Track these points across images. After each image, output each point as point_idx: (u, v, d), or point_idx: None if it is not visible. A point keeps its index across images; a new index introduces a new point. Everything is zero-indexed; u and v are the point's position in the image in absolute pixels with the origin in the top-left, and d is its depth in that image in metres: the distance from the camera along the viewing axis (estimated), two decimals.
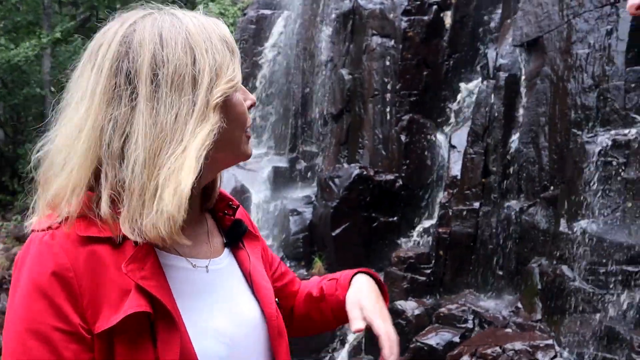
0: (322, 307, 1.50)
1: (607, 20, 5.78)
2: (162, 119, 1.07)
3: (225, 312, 1.18)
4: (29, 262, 1.06)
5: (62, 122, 1.14)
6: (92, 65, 1.12)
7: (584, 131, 5.71)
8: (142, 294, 1.05)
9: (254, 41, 10.40)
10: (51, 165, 1.12)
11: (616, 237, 5.16)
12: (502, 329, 5.66)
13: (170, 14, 1.16)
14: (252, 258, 1.30)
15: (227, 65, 1.15)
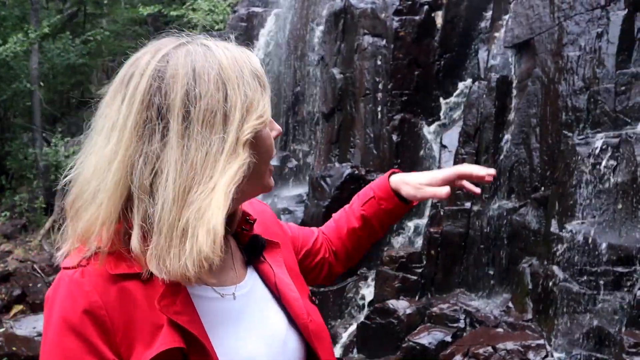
0: (369, 230, 1.66)
1: (597, 23, 5.84)
2: (193, 156, 1.07)
3: (256, 337, 1.19)
4: (61, 300, 1.07)
5: (91, 150, 1.13)
6: (123, 95, 1.11)
7: (575, 133, 5.78)
8: (175, 329, 1.07)
9: (244, 39, 10.37)
10: (80, 195, 1.11)
11: (606, 238, 5.23)
12: (494, 329, 5.73)
13: (203, 45, 1.15)
14: (275, 269, 1.30)
15: (258, 101, 1.15)
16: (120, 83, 1.14)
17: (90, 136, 1.15)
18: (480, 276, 6.47)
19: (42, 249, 11.70)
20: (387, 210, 1.64)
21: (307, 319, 1.28)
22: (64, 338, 1.05)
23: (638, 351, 4.74)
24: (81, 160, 1.15)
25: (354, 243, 1.69)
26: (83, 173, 1.12)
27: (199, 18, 12.65)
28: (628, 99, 5.52)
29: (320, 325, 1.31)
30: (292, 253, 1.48)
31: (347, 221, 1.69)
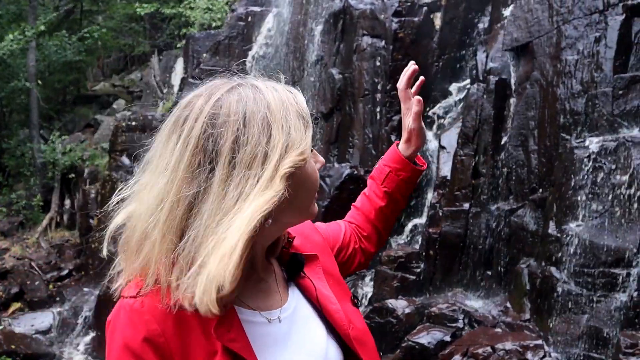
0: (394, 204, 1.79)
1: (595, 28, 5.92)
2: (228, 197, 1.13)
3: (302, 355, 1.27)
4: (122, 328, 1.16)
5: (144, 186, 1.21)
6: (177, 136, 1.18)
7: (573, 136, 5.86)
8: (228, 356, 1.15)
9: (242, 38, 10.43)
10: (134, 231, 1.19)
11: (604, 240, 5.32)
12: (492, 329, 5.81)
13: (254, 87, 1.22)
14: (316, 283, 1.37)
15: (300, 140, 1.21)
16: (175, 123, 1.21)
17: (144, 170, 1.23)
18: (479, 276, 6.55)
19: (39, 246, 11.72)
20: (405, 179, 1.76)
21: (349, 327, 1.34)
22: None
23: (634, 352, 4.83)
24: (135, 193, 1.22)
25: (383, 221, 1.79)
26: (137, 208, 1.19)
27: (196, 16, 12.66)
28: (625, 102, 5.61)
29: (362, 330, 1.38)
30: (331, 257, 1.54)
31: (372, 203, 1.78)
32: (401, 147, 1.78)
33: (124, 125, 10.37)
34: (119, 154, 10.33)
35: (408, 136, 1.77)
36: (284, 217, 1.22)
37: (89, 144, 13.63)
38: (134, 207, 1.21)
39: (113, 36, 16.25)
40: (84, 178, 12.03)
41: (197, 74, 10.40)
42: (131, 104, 15.14)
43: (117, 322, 1.18)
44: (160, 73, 13.24)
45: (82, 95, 16.36)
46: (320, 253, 1.45)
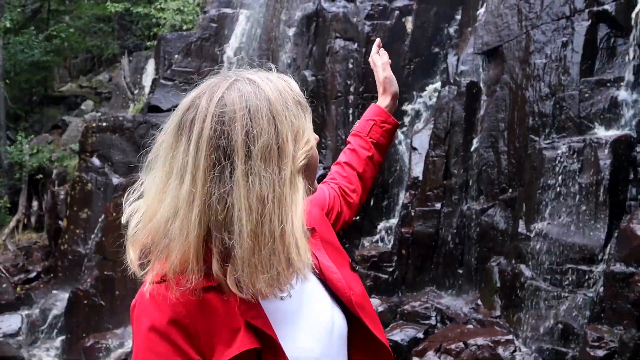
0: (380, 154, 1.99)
1: (563, 33, 6.11)
2: (259, 191, 1.21)
3: (311, 329, 1.36)
4: (149, 311, 1.24)
5: (156, 188, 1.27)
6: (187, 138, 1.24)
7: (541, 137, 6.04)
8: (250, 332, 1.24)
9: (214, 39, 10.44)
10: (160, 231, 1.25)
11: (571, 238, 5.50)
12: (464, 325, 5.94)
13: (251, 82, 1.29)
14: (317, 255, 1.45)
15: (303, 128, 1.31)
16: (181, 126, 1.27)
17: (148, 171, 1.30)
18: (450, 275, 6.69)
19: (6, 248, 11.54)
20: (388, 130, 1.99)
21: (349, 292, 1.44)
22: (155, 343, 1.22)
23: (600, 345, 5.00)
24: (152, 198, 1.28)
25: (370, 171, 1.96)
26: (160, 211, 1.25)
27: (167, 17, 12.63)
28: (591, 105, 5.80)
29: (361, 295, 1.48)
30: (327, 225, 1.63)
31: (359, 155, 1.95)
32: (380, 101, 2.02)
33: (94, 126, 10.27)
34: (89, 155, 10.22)
35: (383, 87, 2.02)
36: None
37: (56, 145, 13.47)
38: (151, 210, 1.27)
39: (81, 36, 16.09)
40: (52, 179, 11.89)
41: (169, 75, 10.38)
42: (100, 105, 15.01)
43: (143, 306, 1.26)
44: (130, 74, 13.16)
45: (50, 96, 16.15)
46: (318, 224, 1.53)
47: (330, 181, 1.91)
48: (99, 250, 9.36)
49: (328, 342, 1.38)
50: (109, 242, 9.17)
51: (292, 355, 1.29)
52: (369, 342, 1.45)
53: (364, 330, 1.44)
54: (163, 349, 1.22)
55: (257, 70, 1.35)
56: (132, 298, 5.67)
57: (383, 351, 1.46)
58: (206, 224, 1.22)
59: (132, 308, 1.29)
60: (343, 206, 1.85)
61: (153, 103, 10.37)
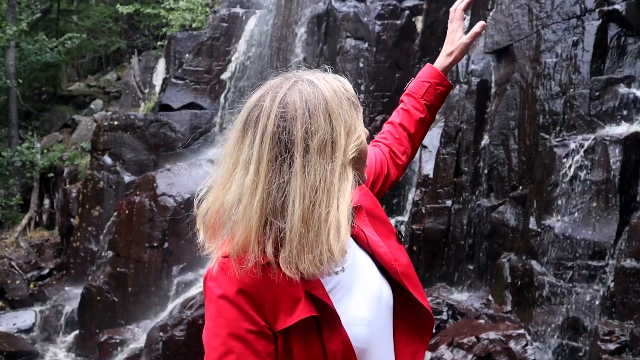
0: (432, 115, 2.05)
1: (573, 32, 6.19)
2: (312, 181, 1.35)
3: (364, 299, 1.49)
4: (220, 281, 1.39)
5: (224, 179, 1.41)
6: (253, 133, 1.39)
7: (552, 135, 6.12)
8: (310, 301, 1.38)
9: (225, 39, 10.54)
10: (226, 215, 1.39)
11: (581, 234, 5.58)
12: (476, 320, 6.04)
13: (310, 82, 1.42)
14: (365, 231, 1.58)
15: (355, 125, 1.44)
16: (247, 123, 1.41)
17: (218, 166, 1.44)
18: (461, 271, 6.78)
19: (18, 246, 11.66)
20: (442, 92, 2.05)
21: (395, 264, 1.57)
22: (225, 309, 1.37)
23: (611, 339, 5.09)
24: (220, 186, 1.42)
25: (421, 132, 2.06)
26: (227, 198, 1.39)
27: (177, 18, 12.73)
28: (602, 103, 5.89)
29: (406, 265, 1.59)
30: (373, 199, 1.72)
31: (412, 116, 2.03)
32: (440, 61, 2.07)
33: (106, 124, 10.38)
34: (100, 153, 10.34)
35: (453, 49, 2.06)
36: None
37: (66, 143, 13.59)
38: (219, 197, 1.41)
39: (89, 36, 16.20)
40: (63, 178, 12.01)
41: (179, 74, 10.49)
42: (109, 105, 15.13)
43: (214, 276, 1.40)
44: (140, 73, 13.27)
45: (59, 95, 16.27)
46: (364, 201, 1.64)
47: (381, 140, 2.01)
48: (111, 247, 9.47)
49: (377, 311, 1.50)
50: (122, 239, 9.29)
51: (346, 322, 1.41)
52: (412, 308, 1.57)
53: (408, 298, 1.56)
54: (232, 315, 1.36)
55: (315, 71, 1.48)
56: (144, 294, 5.98)
57: (426, 316, 1.58)
58: (266, 209, 1.35)
59: (205, 279, 1.43)
60: (391, 168, 1.95)
61: (164, 102, 10.48)
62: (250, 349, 1.36)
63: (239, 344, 1.36)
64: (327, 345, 1.38)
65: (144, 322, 8.64)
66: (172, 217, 8.90)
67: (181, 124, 10.17)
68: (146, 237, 9.08)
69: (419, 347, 1.58)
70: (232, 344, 1.35)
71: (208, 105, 10.41)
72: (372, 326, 1.48)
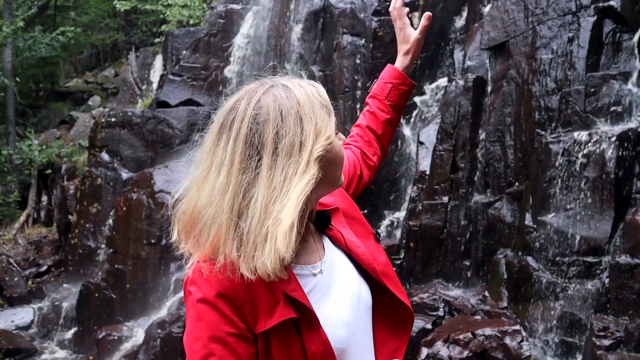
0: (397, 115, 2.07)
1: (569, 28, 6.20)
2: (276, 181, 1.37)
3: (342, 301, 1.51)
4: (200, 286, 1.40)
5: (199, 180, 1.44)
6: (227, 136, 1.42)
7: (548, 131, 6.14)
8: (289, 303, 1.40)
9: (222, 35, 10.54)
10: (198, 217, 1.42)
11: (577, 230, 5.60)
12: (472, 316, 6.06)
13: (285, 87, 1.45)
14: (343, 232, 1.60)
15: (326, 127, 1.45)
16: (222, 127, 1.44)
17: (197, 168, 1.46)
18: (458, 267, 6.80)
19: (16, 242, 11.68)
20: (405, 92, 2.07)
21: (374, 263, 1.58)
22: (205, 313, 1.39)
23: (606, 334, 5.12)
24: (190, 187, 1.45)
25: (388, 133, 2.07)
26: (200, 199, 1.42)
27: (174, 14, 12.73)
28: (597, 100, 5.90)
29: (384, 264, 1.61)
30: (349, 200, 1.75)
31: (378, 117, 2.04)
32: (399, 61, 2.09)
33: (103, 121, 10.38)
34: (98, 150, 10.34)
35: (412, 48, 2.09)
36: (319, 191, 1.46)
37: (64, 140, 13.59)
38: (193, 198, 1.43)
39: (87, 33, 16.18)
40: (61, 174, 12.01)
41: (177, 71, 10.48)
42: (107, 101, 15.12)
43: (193, 281, 1.42)
44: (137, 70, 13.27)
45: (56, 92, 16.27)
46: (340, 202, 1.68)
47: (352, 143, 2.02)
48: (109, 244, 9.48)
49: (356, 311, 1.52)
50: (119, 236, 9.31)
51: (325, 323, 1.43)
52: (392, 305, 1.60)
53: (387, 295, 1.58)
54: (213, 318, 1.38)
55: (291, 77, 1.50)
56: (142, 291, 6.02)
57: (406, 312, 1.61)
58: (233, 211, 1.37)
59: (184, 283, 1.45)
60: (364, 170, 1.97)
61: (161, 98, 10.48)
62: (231, 351, 1.38)
63: (220, 346, 1.38)
64: (307, 347, 1.40)
65: (142, 319, 8.66)
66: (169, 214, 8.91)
67: (178, 121, 10.16)
68: (144, 234, 9.09)
69: (400, 343, 1.60)
70: (213, 347, 1.38)
71: (205, 101, 10.41)
72: (352, 327, 1.50)
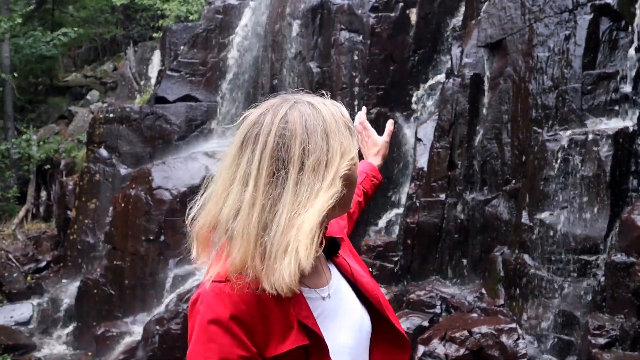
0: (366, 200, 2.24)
1: (565, 26, 6.19)
2: (301, 197, 1.39)
3: (347, 327, 1.54)
4: (211, 306, 1.39)
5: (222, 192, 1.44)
6: (252, 150, 1.42)
7: (544, 129, 6.14)
8: (302, 329, 1.41)
9: (220, 31, 10.52)
10: (221, 230, 1.43)
11: (573, 228, 5.62)
12: (468, 314, 6.08)
13: (310, 104, 1.47)
14: (348, 261, 1.64)
15: (350, 147, 1.47)
16: (246, 139, 1.45)
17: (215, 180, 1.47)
18: (455, 264, 6.82)
19: (15, 238, 11.70)
20: (376, 184, 2.26)
21: (377, 293, 1.63)
22: (217, 335, 1.37)
23: (602, 333, 5.14)
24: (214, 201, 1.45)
25: (358, 213, 2.20)
26: (222, 213, 1.42)
27: (172, 9, 12.70)
28: (594, 98, 5.90)
29: (382, 296, 1.66)
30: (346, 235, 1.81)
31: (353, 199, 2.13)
32: (372, 159, 2.28)
33: (101, 117, 10.38)
34: (96, 146, 10.34)
35: (378, 150, 2.28)
36: (334, 211, 1.47)
37: (63, 135, 13.59)
38: (212, 212, 1.44)
39: (84, 26, 16.14)
40: (60, 170, 12.02)
41: (175, 67, 10.47)
42: (106, 96, 15.10)
43: (206, 301, 1.40)
44: (135, 65, 13.25)
45: (55, 86, 16.24)
46: (344, 234, 1.74)
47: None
48: (108, 240, 9.51)
49: (359, 337, 1.55)
50: (118, 232, 9.33)
51: (332, 349, 1.45)
52: (390, 335, 1.62)
53: (387, 325, 1.61)
54: (225, 341, 1.36)
55: (314, 95, 1.52)
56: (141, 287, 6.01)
57: (402, 341, 1.64)
58: (262, 225, 1.38)
59: (193, 302, 1.43)
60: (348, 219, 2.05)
61: (160, 94, 10.47)
62: None
63: None
64: None
65: (140, 315, 8.69)
66: (167, 210, 8.92)
67: (177, 117, 10.16)
68: (142, 230, 9.11)
69: None
70: None
71: (203, 97, 10.40)
72: (354, 353, 1.53)
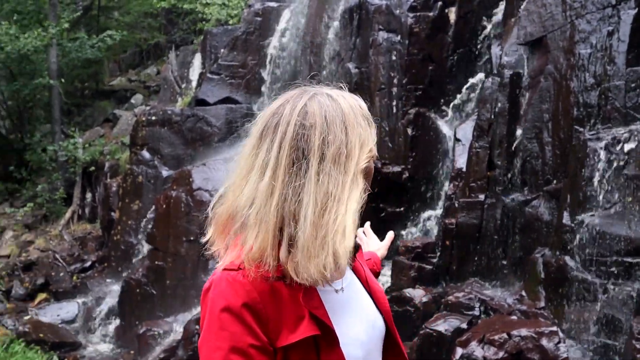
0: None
1: (608, 22, 6.04)
2: (326, 187, 1.40)
3: (359, 321, 1.54)
4: (224, 294, 1.40)
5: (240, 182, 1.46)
6: (270, 139, 1.44)
7: (586, 128, 6.00)
8: (313, 320, 1.41)
9: (259, 33, 10.60)
10: (236, 217, 1.45)
11: (616, 229, 5.46)
12: (508, 316, 5.97)
13: (329, 96, 1.49)
14: (364, 267, 1.66)
15: (368, 139, 1.50)
16: (266, 128, 1.47)
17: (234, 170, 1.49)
18: (494, 266, 6.71)
19: (62, 238, 12.00)
20: (375, 273, 2.15)
21: (387, 305, 1.66)
22: (229, 322, 1.38)
23: None
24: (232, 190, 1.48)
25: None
26: (238, 200, 1.45)
27: (212, 12, 12.85)
28: (638, 95, 5.74)
29: (390, 311, 1.68)
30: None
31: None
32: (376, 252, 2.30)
33: (144, 120, 10.57)
34: (139, 148, 10.54)
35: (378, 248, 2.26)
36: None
37: (107, 138, 13.89)
38: (230, 199, 1.47)
39: (129, 31, 16.48)
40: (104, 172, 12.28)
41: (215, 69, 10.60)
42: (149, 99, 15.38)
43: (218, 288, 1.41)
44: (177, 68, 13.44)
45: (100, 90, 16.62)
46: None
47: None
48: (149, 240, 9.66)
49: (371, 334, 1.56)
50: (159, 233, 9.47)
51: (342, 342, 1.45)
52: (394, 349, 1.65)
53: (392, 340, 1.63)
54: (236, 329, 1.37)
55: (332, 87, 1.54)
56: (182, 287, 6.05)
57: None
58: (280, 214, 1.39)
59: (206, 290, 1.44)
60: None
61: (200, 97, 10.61)
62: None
63: (241, 358, 1.37)
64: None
65: (181, 315, 8.80)
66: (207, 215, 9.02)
67: (217, 119, 10.28)
68: (183, 231, 9.23)
69: None
70: (233, 358, 1.37)
71: (243, 99, 10.51)
72: (366, 348, 1.53)
